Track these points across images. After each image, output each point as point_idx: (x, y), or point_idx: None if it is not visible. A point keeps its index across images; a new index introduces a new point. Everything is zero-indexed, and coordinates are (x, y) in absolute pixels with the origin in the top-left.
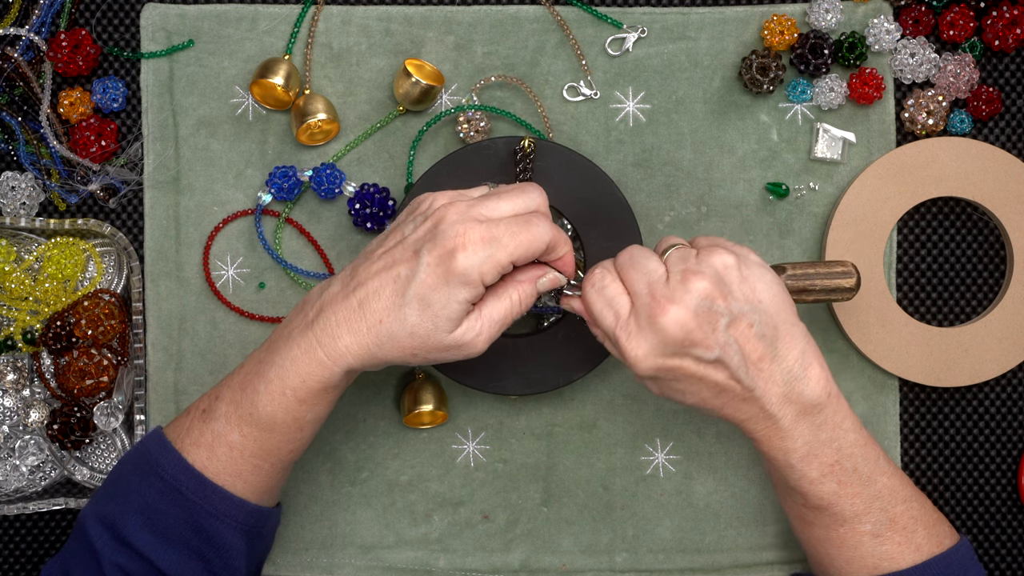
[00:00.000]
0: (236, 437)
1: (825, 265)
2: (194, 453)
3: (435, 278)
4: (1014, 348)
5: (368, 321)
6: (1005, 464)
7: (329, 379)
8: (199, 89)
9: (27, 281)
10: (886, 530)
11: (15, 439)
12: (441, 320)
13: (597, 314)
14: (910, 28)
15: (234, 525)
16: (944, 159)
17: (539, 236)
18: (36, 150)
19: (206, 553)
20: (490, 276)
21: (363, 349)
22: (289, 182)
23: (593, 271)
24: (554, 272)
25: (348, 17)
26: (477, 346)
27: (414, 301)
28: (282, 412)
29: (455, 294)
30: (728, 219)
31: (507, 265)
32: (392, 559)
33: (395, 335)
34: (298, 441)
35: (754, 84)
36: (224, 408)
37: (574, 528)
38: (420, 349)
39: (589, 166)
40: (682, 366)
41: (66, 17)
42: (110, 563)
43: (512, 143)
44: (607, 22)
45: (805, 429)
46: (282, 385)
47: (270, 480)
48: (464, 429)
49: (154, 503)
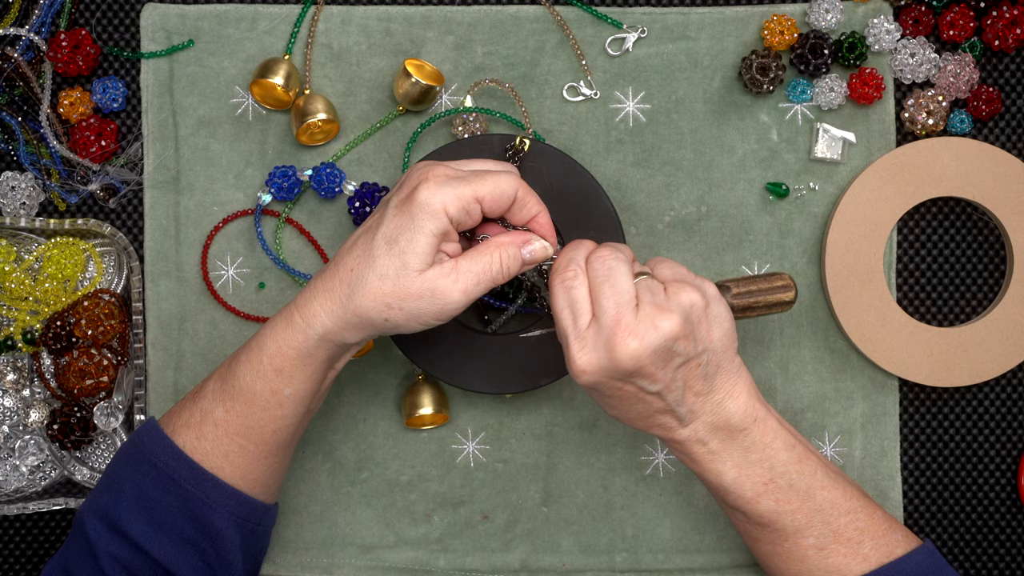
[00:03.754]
0: (220, 413)
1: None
2: (183, 434)
3: (399, 216)
4: (1014, 348)
5: (340, 275)
6: (1005, 464)
7: (304, 344)
8: (199, 89)
9: (27, 281)
10: (830, 543)
11: (15, 439)
12: (408, 256)
13: (556, 309)
14: (910, 28)
15: (226, 515)
16: (944, 159)
17: (506, 181)
18: (36, 150)
19: (200, 543)
20: (454, 208)
21: (335, 303)
22: (289, 182)
23: (567, 263)
24: (543, 242)
25: (348, 17)
26: (453, 295)
27: (381, 242)
28: (260, 382)
29: (419, 225)
30: (728, 219)
31: (471, 201)
32: (392, 559)
33: (364, 280)
34: (279, 420)
35: (754, 84)
36: (212, 385)
37: (574, 528)
38: (392, 296)
39: (581, 171)
40: (623, 388)
41: (66, 17)
42: (107, 555)
43: (508, 139)
44: (607, 22)
45: (734, 451)
46: (260, 354)
47: (258, 464)
48: (464, 429)
49: (148, 491)
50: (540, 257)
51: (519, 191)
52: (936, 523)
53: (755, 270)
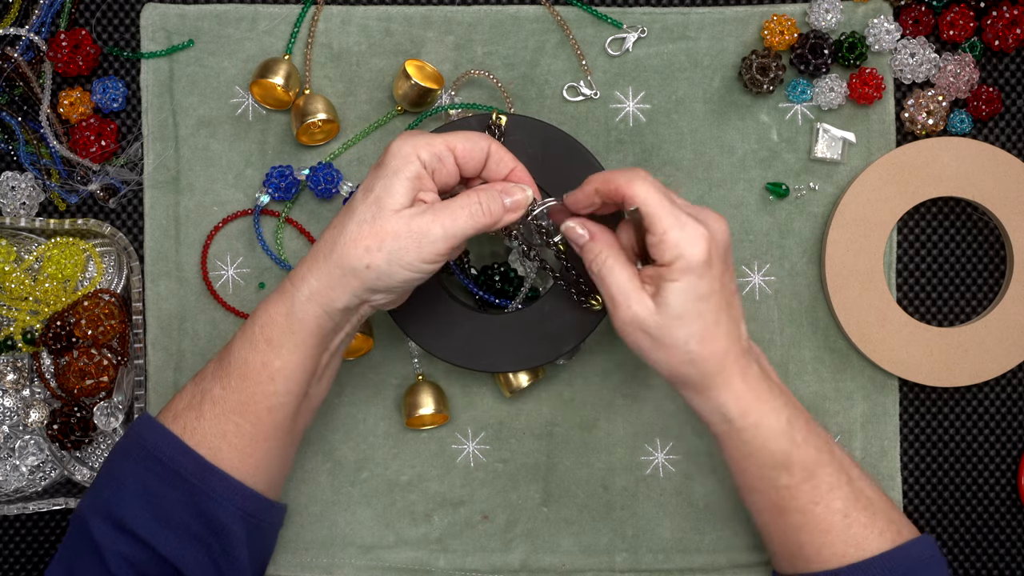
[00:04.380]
0: (218, 391)
1: None
2: (185, 416)
3: (375, 170)
4: (1014, 348)
5: (325, 236)
6: (1005, 464)
7: (292, 308)
8: (199, 89)
9: (27, 281)
10: (852, 508)
11: (15, 439)
12: (384, 199)
13: (656, 203)
14: (910, 28)
15: (232, 509)
16: (944, 159)
17: (478, 135)
18: (36, 150)
19: (206, 538)
20: (425, 152)
21: (319, 260)
22: (286, 181)
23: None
24: (523, 187)
25: (348, 17)
26: (433, 230)
27: (360, 195)
28: (252, 354)
29: (393, 171)
30: (728, 219)
31: (443, 149)
32: (392, 559)
33: (345, 229)
34: (272, 396)
35: (754, 84)
36: (212, 367)
37: (574, 528)
38: (371, 238)
39: (561, 136)
40: (727, 276)
41: (66, 17)
42: (113, 554)
43: (485, 119)
44: (607, 22)
45: (774, 384)
46: (252, 325)
47: (257, 448)
48: (464, 429)
49: (152, 486)
50: (521, 200)
51: (492, 146)
52: (936, 523)
53: (755, 270)
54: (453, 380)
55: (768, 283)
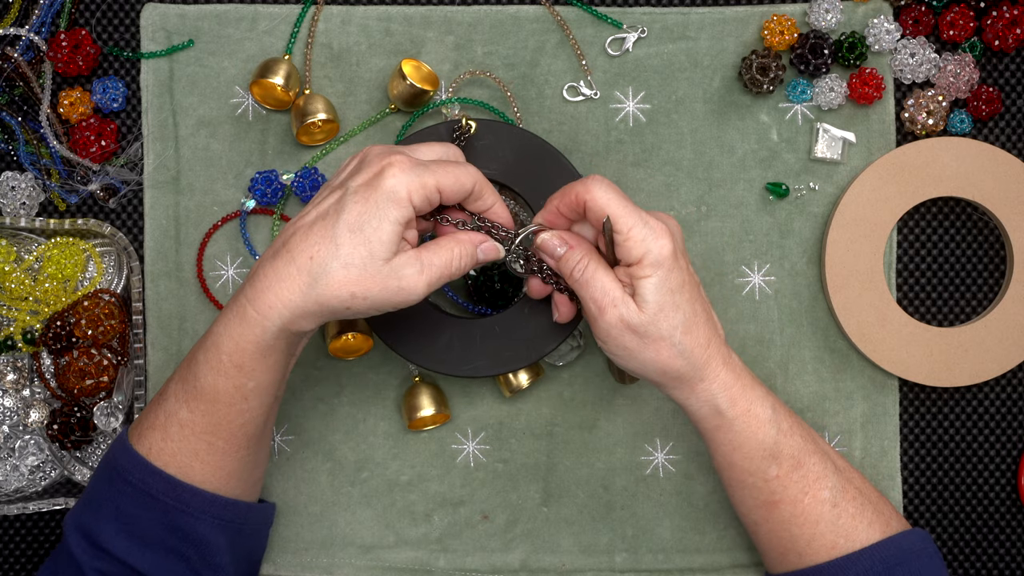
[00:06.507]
0: (185, 414)
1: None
2: (149, 436)
3: (364, 202)
4: (1014, 348)
5: (298, 262)
6: (1005, 464)
7: (261, 338)
8: (199, 89)
9: (27, 281)
10: (840, 498)
11: (15, 439)
12: (375, 245)
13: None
14: (910, 28)
15: (208, 519)
16: (944, 159)
17: (465, 174)
18: (36, 150)
19: (184, 551)
20: (418, 197)
21: (294, 293)
22: (272, 187)
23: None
24: (494, 242)
25: (348, 17)
26: (418, 287)
27: (344, 230)
28: (223, 380)
29: (386, 213)
30: (728, 219)
31: (434, 191)
32: (392, 559)
33: (328, 268)
34: (246, 413)
35: (754, 84)
36: (173, 387)
37: (574, 528)
38: (358, 285)
39: (533, 140)
40: (688, 272)
41: (66, 17)
42: (91, 569)
43: (454, 124)
44: (607, 22)
45: (753, 377)
46: (218, 352)
47: (230, 460)
48: (464, 429)
49: (126, 509)
50: (492, 256)
51: (476, 184)
52: (936, 523)
53: (755, 270)
54: (452, 380)
55: (768, 283)
